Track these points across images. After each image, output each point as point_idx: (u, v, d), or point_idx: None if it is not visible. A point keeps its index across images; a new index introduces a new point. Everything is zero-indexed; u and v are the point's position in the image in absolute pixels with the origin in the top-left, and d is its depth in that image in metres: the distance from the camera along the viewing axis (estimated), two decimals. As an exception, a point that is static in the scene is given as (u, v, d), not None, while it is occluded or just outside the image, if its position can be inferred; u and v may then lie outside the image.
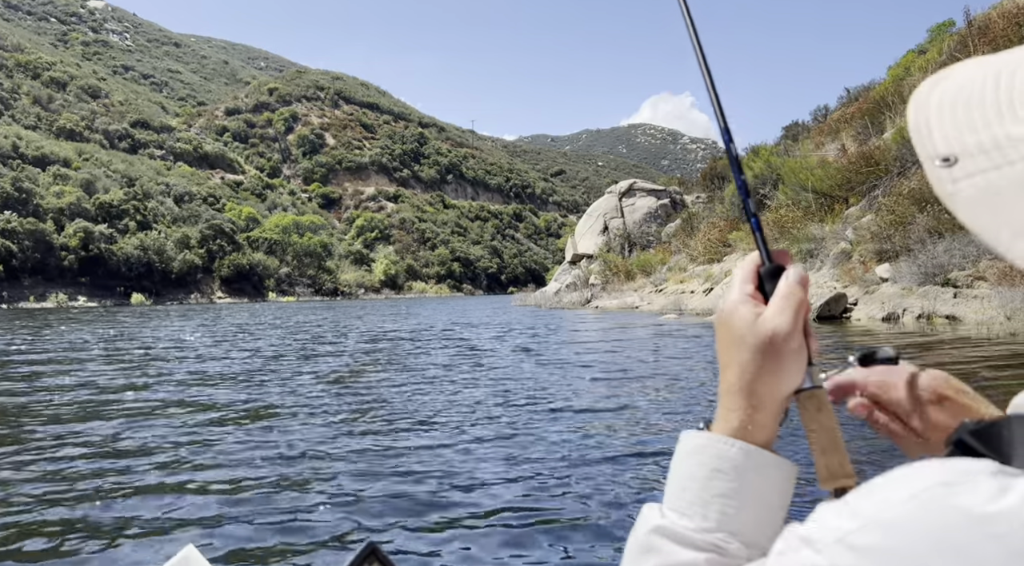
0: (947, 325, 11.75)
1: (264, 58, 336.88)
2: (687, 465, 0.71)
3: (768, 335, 0.69)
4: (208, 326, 22.32)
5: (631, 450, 4.59)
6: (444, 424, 5.56)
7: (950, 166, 0.49)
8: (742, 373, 0.70)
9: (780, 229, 20.57)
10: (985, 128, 0.49)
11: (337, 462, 4.43)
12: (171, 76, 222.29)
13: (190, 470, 4.28)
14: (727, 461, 0.68)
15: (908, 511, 0.44)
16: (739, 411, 0.70)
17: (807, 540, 0.48)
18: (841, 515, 0.47)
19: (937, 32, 28.62)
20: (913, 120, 0.53)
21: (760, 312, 0.71)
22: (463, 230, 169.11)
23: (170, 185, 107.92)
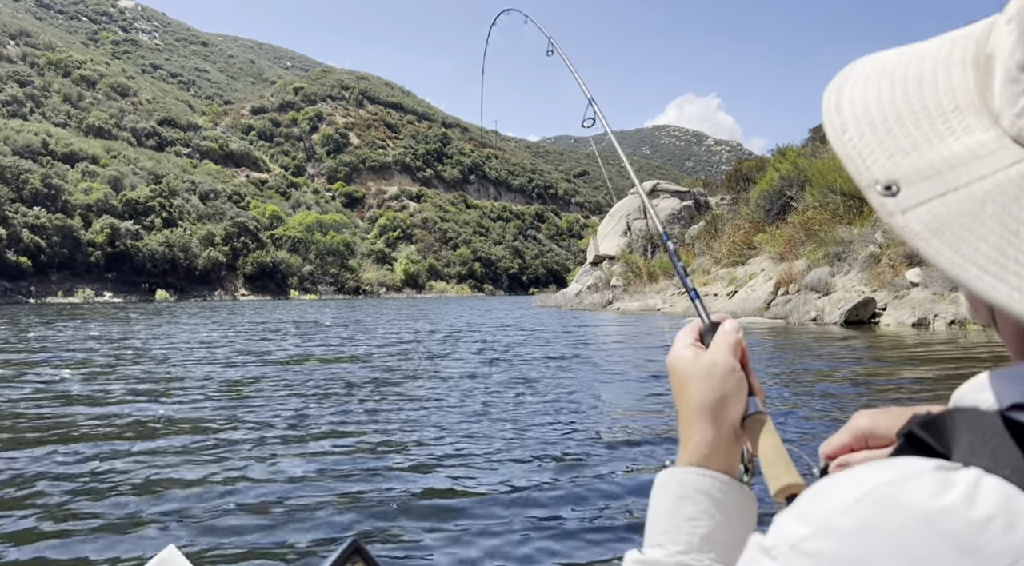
0: (981, 332, 11.39)
1: (290, 57, 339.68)
2: (658, 500, 0.76)
3: (709, 366, 0.79)
4: (232, 325, 22.36)
5: (638, 454, 4.40)
6: (440, 424, 5.43)
7: (894, 195, 0.47)
8: (692, 403, 0.78)
9: (807, 232, 20.19)
10: (917, 149, 0.47)
11: (322, 460, 4.34)
12: (198, 75, 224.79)
13: (171, 469, 4.18)
14: (691, 486, 0.74)
15: (857, 514, 0.44)
16: (695, 436, 0.77)
17: (765, 549, 0.49)
18: (795, 522, 0.48)
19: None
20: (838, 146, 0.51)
21: (699, 352, 0.81)
22: (485, 230, 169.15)
23: (196, 183, 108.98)
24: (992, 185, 0.44)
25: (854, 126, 0.51)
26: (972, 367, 7.61)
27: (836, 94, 0.53)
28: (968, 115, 0.47)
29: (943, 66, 0.48)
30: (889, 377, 7.47)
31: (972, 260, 0.44)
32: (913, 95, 0.48)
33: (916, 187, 0.46)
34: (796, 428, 5.04)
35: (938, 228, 0.45)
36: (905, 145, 0.48)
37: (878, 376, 7.59)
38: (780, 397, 6.41)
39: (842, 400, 6.25)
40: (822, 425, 5.07)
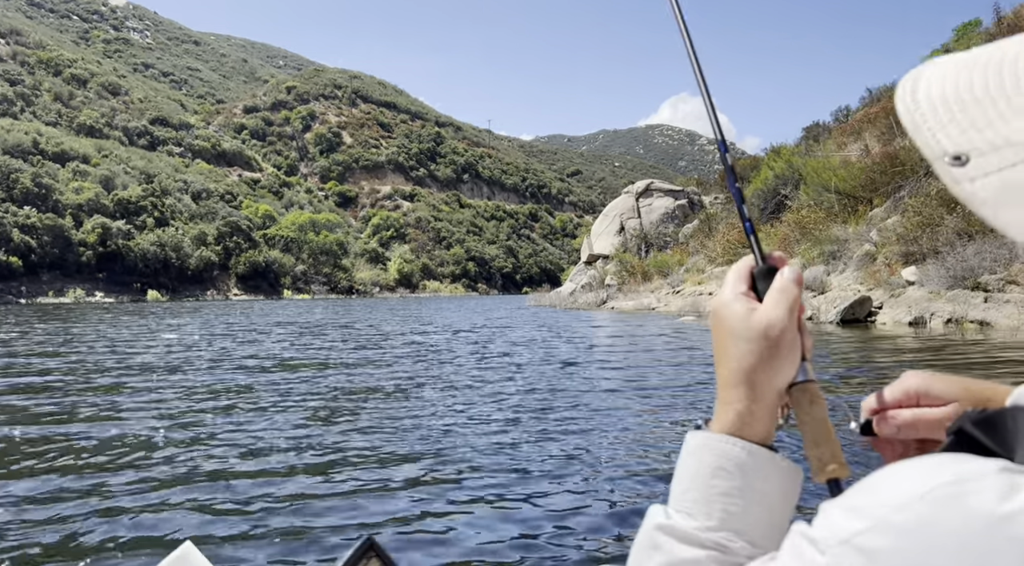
0: (978, 330, 11.34)
1: (283, 56, 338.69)
2: (690, 464, 0.71)
3: (763, 327, 0.70)
4: (228, 324, 22.20)
5: (646, 451, 4.31)
6: (450, 421, 5.34)
7: (963, 165, 0.48)
8: (738, 365, 0.71)
9: (802, 230, 20.17)
10: (988, 127, 0.48)
11: (336, 457, 4.30)
12: (190, 74, 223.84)
13: (188, 466, 4.16)
14: (729, 459, 0.69)
15: (918, 512, 0.43)
16: (737, 403, 0.71)
17: (812, 540, 0.48)
18: (848, 516, 0.46)
19: (963, 31, 28.05)
20: (910, 122, 0.51)
21: (754, 307, 0.72)
22: (478, 229, 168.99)
23: (188, 182, 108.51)
24: None
25: (927, 106, 0.51)
26: (973, 366, 7.56)
27: (912, 81, 0.53)
28: None
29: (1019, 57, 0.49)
30: (888, 375, 7.39)
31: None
32: (991, 79, 0.49)
33: (987, 157, 0.47)
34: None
35: (1004, 195, 0.45)
36: (979, 121, 0.48)
37: (874, 372, 7.51)
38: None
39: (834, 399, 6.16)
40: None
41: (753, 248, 0.79)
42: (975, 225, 13.32)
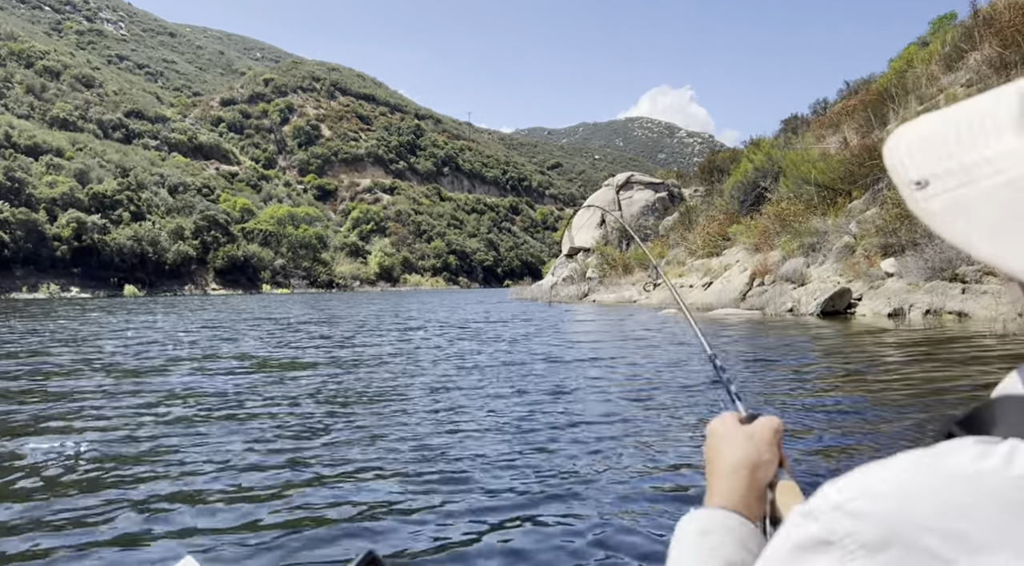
0: (956, 322, 11.44)
1: (260, 49, 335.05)
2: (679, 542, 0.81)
3: (749, 434, 0.91)
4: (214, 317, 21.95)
5: (647, 459, 4.27)
6: (450, 429, 5.25)
7: (922, 188, 0.56)
8: (728, 460, 0.89)
9: (782, 222, 20.25)
10: (949, 158, 0.56)
11: (335, 469, 4.20)
12: (166, 66, 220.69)
13: (186, 477, 4.07)
14: (713, 522, 0.80)
15: (899, 479, 0.48)
16: (724, 489, 0.86)
17: (806, 512, 0.52)
18: (836, 489, 0.51)
19: (939, 24, 28.24)
20: (889, 162, 0.60)
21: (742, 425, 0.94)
22: (459, 223, 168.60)
23: (164, 176, 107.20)
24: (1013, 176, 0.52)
25: (905, 145, 0.59)
26: (951, 358, 7.60)
27: (899, 132, 0.62)
28: (1006, 132, 0.54)
29: (991, 97, 0.57)
30: (868, 365, 7.42)
31: (976, 230, 0.52)
32: (950, 124, 0.57)
33: (943, 181, 0.55)
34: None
35: (953, 210, 0.53)
36: (942, 153, 0.56)
37: (853, 365, 7.54)
38: (760, 389, 6.32)
39: (814, 391, 6.18)
40: (795, 416, 4.98)
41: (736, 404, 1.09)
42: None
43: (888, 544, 0.45)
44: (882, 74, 26.77)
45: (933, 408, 5.21)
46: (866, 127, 21.66)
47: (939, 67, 20.80)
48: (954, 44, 20.59)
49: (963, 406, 3.76)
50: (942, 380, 6.35)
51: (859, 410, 5.27)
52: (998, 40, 17.26)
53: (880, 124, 20.88)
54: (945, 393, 5.78)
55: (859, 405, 5.46)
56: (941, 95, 18.63)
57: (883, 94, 22.15)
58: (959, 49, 20.12)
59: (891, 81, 22.92)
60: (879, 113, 21.41)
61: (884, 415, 5.03)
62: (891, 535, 0.46)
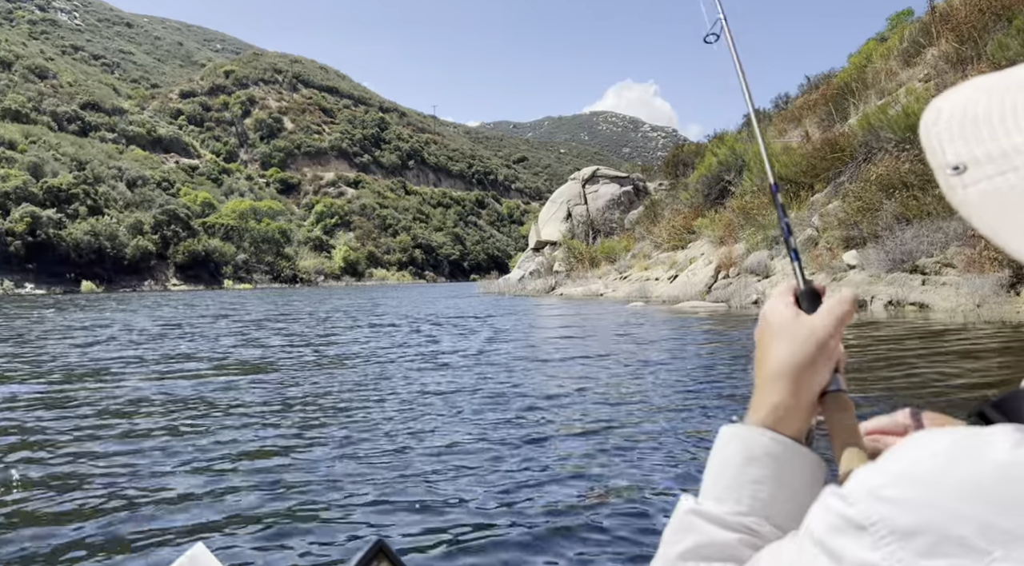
0: (917, 312, 11.67)
1: (220, 40, 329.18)
2: (721, 455, 0.75)
3: (811, 329, 0.76)
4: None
5: (647, 442, 4.27)
6: (453, 422, 5.25)
7: (960, 174, 0.53)
8: (783, 361, 0.76)
9: (746, 216, 20.45)
10: (991, 141, 0.52)
11: (346, 461, 4.24)
12: (123, 57, 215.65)
13: (198, 468, 4.13)
14: (760, 448, 0.72)
15: (933, 464, 0.47)
16: (775, 396, 0.75)
17: (841, 495, 0.51)
18: (871, 473, 0.50)
19: (896, 20, 28.77)
20: (925, 141, 0.57)
21: (801, 314, 0.79)
22: (425, 216, 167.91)
23: (122, 169, 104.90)
24: None
25: (944, 122, 0.56)
26: (913, 349, 7.74)
27: (937, 106, 0.58)
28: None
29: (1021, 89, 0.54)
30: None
31: (1014, 224, 0.50)
32: (994, 103, 0.54)
33: (981, 167, 0.52)
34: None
35: (990, 200, 0.51)
36: (983, 136, 0.53)
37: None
38: (724, 381, 6.37)
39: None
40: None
41: (796, 274, 0.88)
42: (912, 209, 13.66)
43: (920, 531, 0.45)
44: (842, 69, 27.21)
45: (902, 399, 5.28)
46: (827, 121, 21.98)
47: (897, 62, 21.18)
48: (912, 40, 20.98)
49: (932, 397, 3.78)
50: (933, 375, 6.45)
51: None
52: (954, 36, 17.61)
53: (841, 118, 21.20)
54: (927, 387, 5.87)
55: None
56: (901, 90, 18.97)
57: (843, 89, 22.50)
58: (917, 44, 20.50)
59: (851, 76, 23.29)
60: (840, 107, 21.74)
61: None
62: (924, 522, 0.45)
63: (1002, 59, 14.13)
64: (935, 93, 12.00)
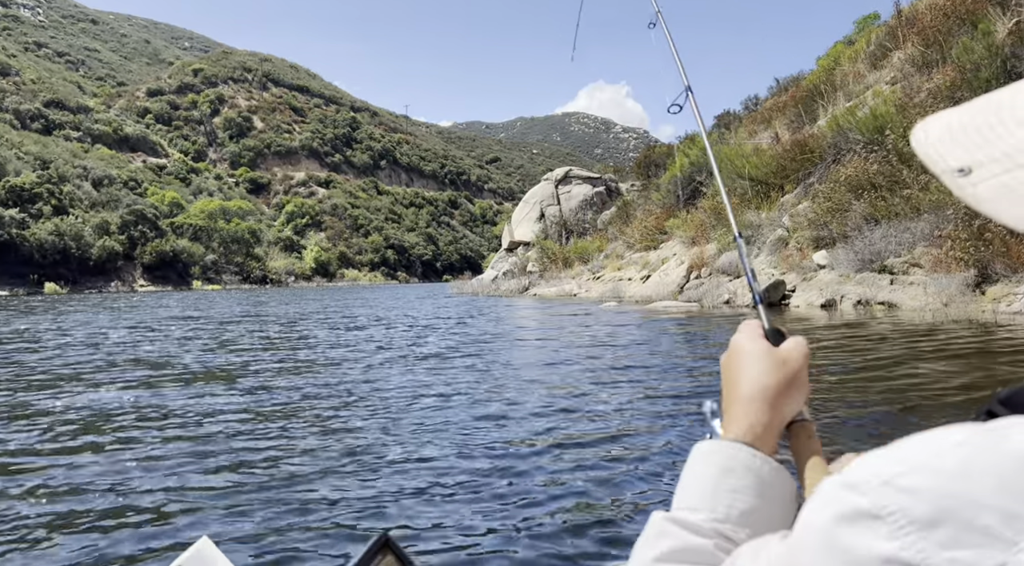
0: (885, 311, 11.84)
1: (188, 38, 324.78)
2: (698, 468, 0.75)
3: (783, 358, 0.82)
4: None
5: (645, 443, 4.26)
6: (458, 417, 5.30)
7: (966, 175, 0.56)
8: (758, 383, 0.79)
9: (717, 216, 20.63)
10: (992, 144, 0.56)
11: (350, 455, 4.28)
12: (88, 54, 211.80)
13: (203, 463, 4.19)
14: (737, 461, 0.73)
15: (958, 455, 0.45)
16: (751, 416, 0.78)
17: (850, 485, 0.49)
18: (884, 461, 0.49)
19: (863, 24, 29.22)
20: (923, 156, 0.60)
21: (772, 346, 0.84)
22: (397, 217, 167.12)
23: (88, 168, 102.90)
24: None
25: (935, 138, 0.59)
26: (880, 346, 7.83)
27: (924, 124, 0.61)
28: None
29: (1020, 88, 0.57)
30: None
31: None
32: (985, 114, 0.58)
33: (987, 168, 0.55)
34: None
35: (1002, 194, 0.53)
36: (979, 141, 0.56)
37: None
38: (691, 381, 6.40)
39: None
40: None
41: (761, 315, 0.95)
42: (880, 210, 13.87)
43: (942, 521, 0.44)
44: (811, 72, 27.58)
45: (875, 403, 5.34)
46: (797, 123, 22.25)
47: (865, 65, 21.50)
48: (878, 43, 21.32)
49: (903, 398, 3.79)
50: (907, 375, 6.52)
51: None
52: (920, 39, 17.90)
53: (810, 120, 21.46)
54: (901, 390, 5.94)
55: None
56: (868, 92, 19.23)
57: (812, 91, 22.80)
58: (883, 48, 20.83)
59: (820, 78, 23.60)
60: (809, 109, 22.01)
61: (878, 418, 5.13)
62: (945, 512, 0.44)
63: (967, 62, 14.39)
64: (902, 95, 12.16)
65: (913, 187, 13.53)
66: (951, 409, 4.82)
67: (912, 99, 15.59)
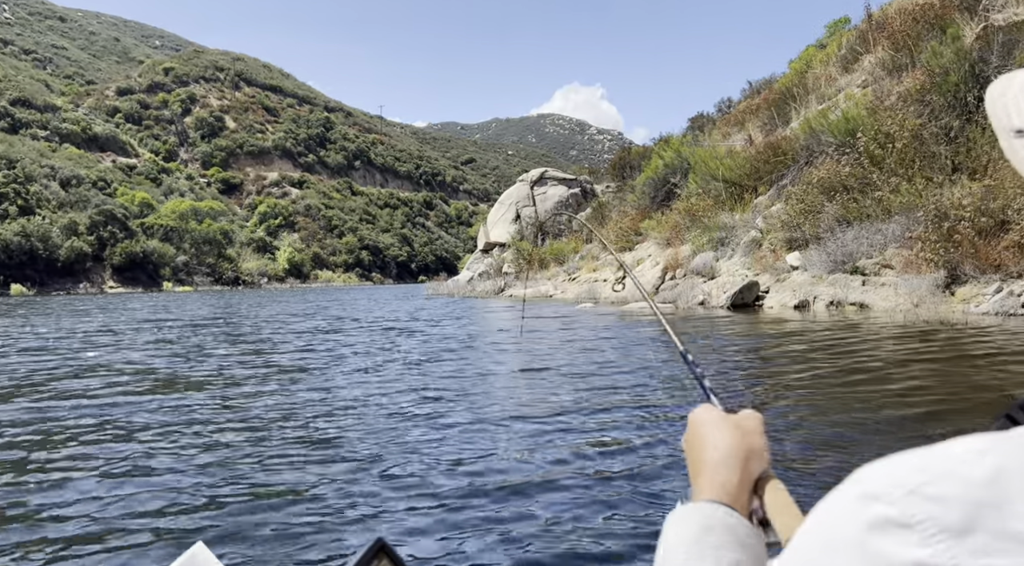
0: (857, 312, 11.97)
1: (159, 36, 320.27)
2: (675, 530, 0.75)
3: (742, 424, 0.87)
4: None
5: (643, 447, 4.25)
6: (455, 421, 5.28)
7: (1021, 137, 0.57)
8: (721, 450, 0.83)
9: (691, 218, 20.75)
10: None
11: (346, 460, 4.28)
12: (56, 52, 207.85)
13: (198, 467, 4.20)
14: (716, 520, 0.74)
15: (986, 463, 0.45)
16: (719, 480, 0.80)
17: (871, 496, 0.48)
18: (906, 469, 0.48)
19: (834, 28, 29.57)
20: (992, 108, 0.61)
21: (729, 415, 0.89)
22: (372, 217, 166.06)
23: (55, 168, 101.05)
24: None
25: (1013, 93, 0.60)
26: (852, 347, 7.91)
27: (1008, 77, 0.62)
28: None
29: None
30: (776, 357, 7.65)
31: None
32: None
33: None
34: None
35: None
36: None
37: (760, 354, 7.75)
38: (668, 383, 6.41)
39: (727, 382, 6.31)
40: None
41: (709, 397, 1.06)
42: (852, 212, 14.04)
43: (973, 529, 0.43)
44: (783, 74, 27.84)
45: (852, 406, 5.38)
46: (770, 125, 22.45)
47: (836, 69, 21.75)
48: (850, 47, 21.58)
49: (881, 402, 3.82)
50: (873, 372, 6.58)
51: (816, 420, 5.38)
52: (890, 43, 18.16)
53: (783, 122, 21.67)
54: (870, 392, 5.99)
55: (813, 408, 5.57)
56: (840, 95, 19.47)
57: (785, 94, 23.03)
58: (854, 52, 21.09)
59: (792, 81, 23.85)
60: (782, 112, 22.22)
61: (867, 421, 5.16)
62: (976, 520, 0.43)
63: (936, 66, 14.61)
64: (873, 98, 12.29)
65: (884, 189, 13.71)
66: (921, 418, 4.87)
67: (883, 102, 15.80)
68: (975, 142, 12.87)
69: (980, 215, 10.99)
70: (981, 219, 10.94)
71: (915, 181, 13.09)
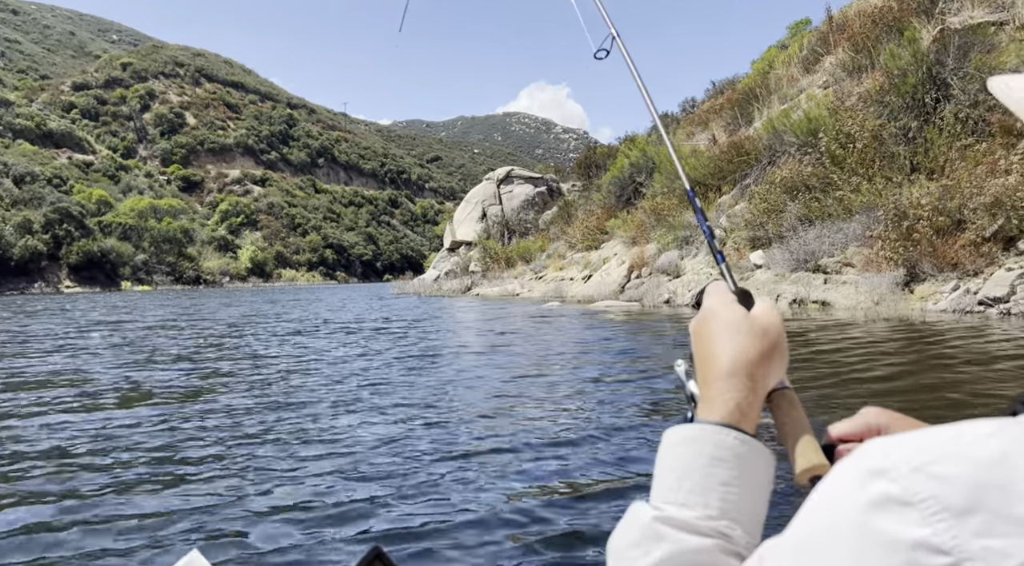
0: (819, 310, 12.15)
1: (116, 31, 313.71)
2: (681, 457, 0.70)
3: (765, 325, 0.77)
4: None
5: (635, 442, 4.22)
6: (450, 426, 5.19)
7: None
8: (739, 357, 0.74)
9: (657, 216, 20.90)
10: None
11: (341, 467, 4.21)
12: (8, 46, 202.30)
13: (193, 474, 4.15)
14: (727, 449, 0.69)
15: (993, 446, 0.45)
16: (736, 393, 0.72)
17: (877, 471, 0.48)
18: (909, 448, 0.48)
19: (795, 29, 30.01)
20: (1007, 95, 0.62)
21: (748, 313, 0.79)
22: (336, 216, 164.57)
23: (9, 165, 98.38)
24: None
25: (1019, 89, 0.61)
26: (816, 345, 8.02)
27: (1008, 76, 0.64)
28: None
29: None
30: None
31: None
32: None
33: None
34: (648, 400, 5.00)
35: None
36: None
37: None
38: (638, 380, 6.44)
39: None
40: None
41: (726, 276, 0.92)
42: (814, 211, 14.25)
43: (976, 509, 0.43)
44: (746, 75, 28.18)
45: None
46: (733, 125, 22.71)
47: (798, 69, 22.07)
48: (811, 48, 21.90)
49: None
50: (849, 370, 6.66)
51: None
52: (850, 45, 18.47)
53: (746, 122, 21.92)
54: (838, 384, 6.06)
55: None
56: (801, 95, 19.75)
57: (748, 94, 23.30)
58: (815, 53, 21.42)
59: (755, 81, 24.13)
60: (745, 112, 22.49)
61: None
62: (979, 501, 0.44)
63: (894, 68, 14.88)
64: (834, 99, 12.45)
65: (845, 189, 13.94)
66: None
67: (844, 103, 16.06)
68: (932, 143, 13.14)
69: (938, 214, 11.22)
70: (939, 218, 11.18)
71: (875, 181, 13.33)
